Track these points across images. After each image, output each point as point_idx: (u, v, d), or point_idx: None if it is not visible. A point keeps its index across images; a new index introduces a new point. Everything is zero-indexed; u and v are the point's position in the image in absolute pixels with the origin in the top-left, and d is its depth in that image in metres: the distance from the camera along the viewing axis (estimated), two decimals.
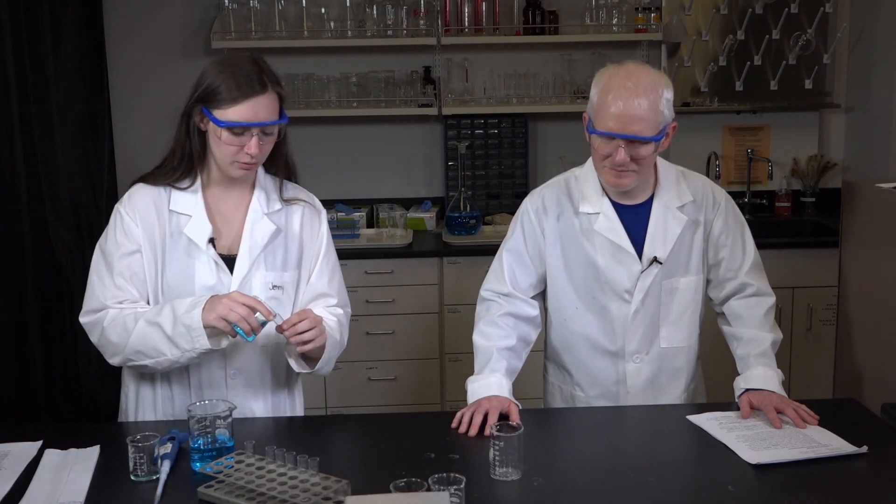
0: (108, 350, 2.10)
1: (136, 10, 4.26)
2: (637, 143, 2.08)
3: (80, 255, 3.89)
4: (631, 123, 2.06)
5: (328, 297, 2.24)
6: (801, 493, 1.76)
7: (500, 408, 2.09)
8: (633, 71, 2.10)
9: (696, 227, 2.26)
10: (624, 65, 2.13)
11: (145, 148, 4.15)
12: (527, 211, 2.33)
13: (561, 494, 1.78)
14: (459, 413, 2.10)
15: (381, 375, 3.97)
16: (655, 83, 2.08)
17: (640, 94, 2.05)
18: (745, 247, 2.29)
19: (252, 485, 1.73)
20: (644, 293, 2.23)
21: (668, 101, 2.09)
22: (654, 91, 2.06)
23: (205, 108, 2.04)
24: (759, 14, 4.24)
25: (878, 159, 4.14)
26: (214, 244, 2.11)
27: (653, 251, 2.22)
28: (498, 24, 4.21)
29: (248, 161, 2.06)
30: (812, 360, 3.86)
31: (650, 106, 2.05)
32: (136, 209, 2.11)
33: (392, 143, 4.45)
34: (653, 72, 2.12)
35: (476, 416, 2.06)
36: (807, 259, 3.91)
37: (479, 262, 3.86)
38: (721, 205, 2.28)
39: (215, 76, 2.04)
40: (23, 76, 3.55)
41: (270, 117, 2.05)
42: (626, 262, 2.23)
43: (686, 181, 2.28)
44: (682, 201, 2.25)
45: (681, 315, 2.27)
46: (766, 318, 2.24)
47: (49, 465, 1.90)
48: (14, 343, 3.53)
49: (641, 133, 2.06)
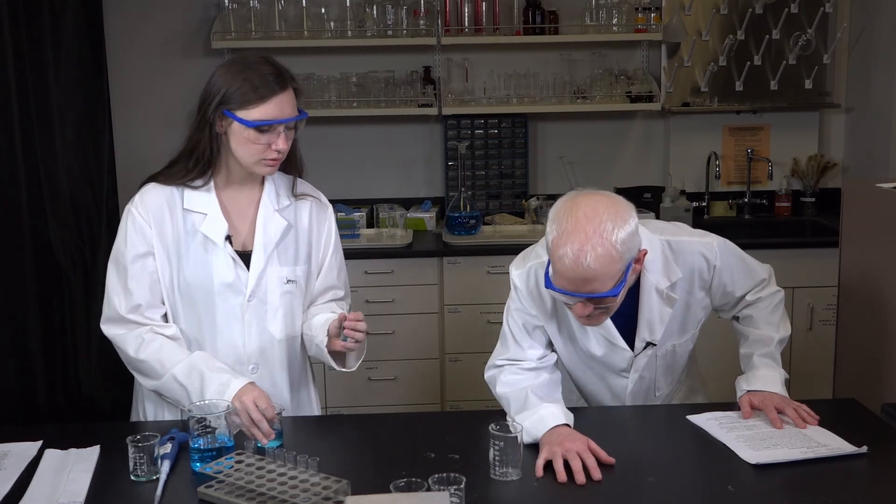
0: (130, 362, 2.16)
1: (136, 10, 4.26)
2: (596, 298, 1.93)
3: (80, 256, 3.88)
4: (583, 285, 1.89)
5: (336, 290, 2.32)
6: (801, 493, 1.77)
7: (587, 449, 1.91)
8: (580, 222, 1.88)
9: (690, 297, 2.16)
10: (574, 210, 1.91)
11: (145, 148, 4.19)
12: (515, 286, 2.18)
13: (561, 494, 1.78)
14: (542, 459, 1.89)
15: (381, 375, 3.97)
16: (603, 231, 1.87)
17: (587, 253, 1.86)
18: (749, 272, 2.22)
19: (252, 485, 1.73)
20: (640, 371, 2.20)
21: (624, 241, 1.89)
22: (602, 244, 1.86)
23: (227, 111, 2.05)
24: (759, 14, 4.24)
25: (878, 159, 4.14)
26: (231, 241, 2.15)
27: (645, 337, 2.14)
28: (498, 24, 4.21)
29: (276, 157, 2.10)
30: (812, 360, 3.86)
31: (601, 264, 1.86)
32: (149, 209, 2.13)
33: (392, 143, 4.45)
34: (604, 215, 1.89)
35: (573, 462, 1.87)
36: (807, 259, 3.91)
37: (479, 262, 3.87)
38: (717, 266, 2.14)
39: (233, 79, 2.06)
40: (23, 76, 3.55)
41: (293, 113, 2.10)
42: (620, 350, 2.16)
43: (674, 255, 2.11)
44: (672, 280, 2.10)
45: (675, 364, 2.26)
46: (773, 314, 2.23)
47: (49, 465, 1.90)
48: (14, 343, 3.52)
49: (597, 291, 1.90)
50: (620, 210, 1.93)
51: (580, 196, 1.96)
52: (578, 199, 1.94)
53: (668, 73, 4.28)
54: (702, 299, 2.18)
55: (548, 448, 1.91)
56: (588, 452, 1.89)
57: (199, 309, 2.15)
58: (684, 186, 4.43)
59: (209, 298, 2.14)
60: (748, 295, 2.22)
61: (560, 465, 1.86)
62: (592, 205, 1.92)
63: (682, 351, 2.24)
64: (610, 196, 1.97)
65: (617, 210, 1.92)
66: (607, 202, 1.93)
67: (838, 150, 4.52)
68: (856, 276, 2.68)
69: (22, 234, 3.54)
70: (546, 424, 1.98)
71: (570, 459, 1.87)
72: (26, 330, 3.57)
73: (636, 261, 1.97)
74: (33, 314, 3.60)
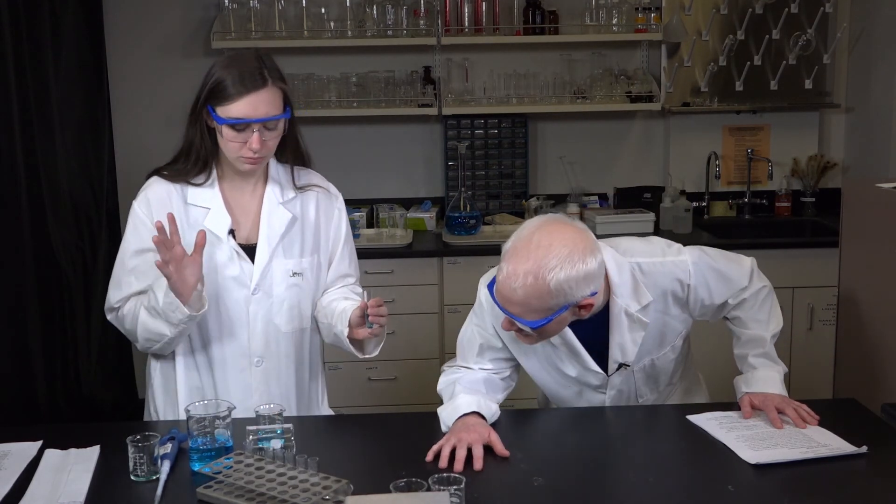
0: (130, 338, 2.20)
1: (136, 10, 4.26)
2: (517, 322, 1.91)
3: (80, 255, 3.89)
4: (507, 304, 1.89)
5: (349, 277, 2.34)
6: (801, 493, 1.76)
7: (482, 440, 1.92)
8: (530, 246, 1.86)
9: (665, 317, 2.10)
10: (536, 232, 1.89)
11: (145, 148, 4.18)
12: (480, 301, 2.15)
13: (561, 494, 1.77)
14: (437, 446, 1.92)
15: (381, 375, 3.97)
16: (545, 266, 1.84)
17: (518, 279, 1.84)
18: (728, 282, 2.13)
19: (252, 485, 1.73)
20: (617, 387, 2.16)
21: (561, 283, 1.84)
22: (537, 277, 1.84)
23: (209, 106, 2.07)
24: (759, 14, 4.24)
25: (878, 159, 4.14)
26: (234, 235, 2.16)
27: (618, 359, 2.09)
28: (498, 24, 4.21)
29: (252, 156, 2.09)
30: (812, 360, 3.86)
31: (526, 294, 1.85)
32: (151, 205, 2.15)
33: (392, 143, 4.45)
34: (557, 251, 1.85)
35: (458, 450, 1.89)
36: (807, 259, 3.91)
37: (478, 262, 3.86)
38: (691, 284, 2.08)
39: (219, 73, 2.07)
40: (23, 76, 3.55)
41: (271, 112, 2.07)
42: (593, 372, 2.12)
43: (645, 278, 2.05)
44: (642, 303, 2.04)
45: (658, 375, 2.20)
46: (762, 311, 2.17)
47: (49, 465, 1.90)
48: (14, 343, 3.52)
49: (520, 317, 1.89)
50: (578, 252, 1.87)
51: (553, 223, 1.93)
52: (547, 225, 1.92)
53: (668, 73, 4.28)
54: (678, 315, 2.12)
55: (447, 436, 1.95)
56: (479, 443, 1.90)
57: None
58: (684, 186, 4.42)
59: (214, 292, 2.15)
60: (730, 299, 2.16)
61: (447, 452, 1.89)
62: (554, 235, 1.88)
63: (662, 363, 2.18)
64: (579, 235, 1.91)
65: (573, 251, 1.86)
66: (571, 240, 1.88)
67: (838, 150, 4.51)
68: (856, 276, 2.68)
69: (22, 234, 3.54)
70: (458, 412, 2.01)
71: (458, 447, 1.89)
72: (26, 330, 3.57)
73: (580, 307, 1.92)
74: (33, 314, 3.60)
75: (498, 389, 2.17)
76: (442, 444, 1.92)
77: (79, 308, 3.88)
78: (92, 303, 3.93)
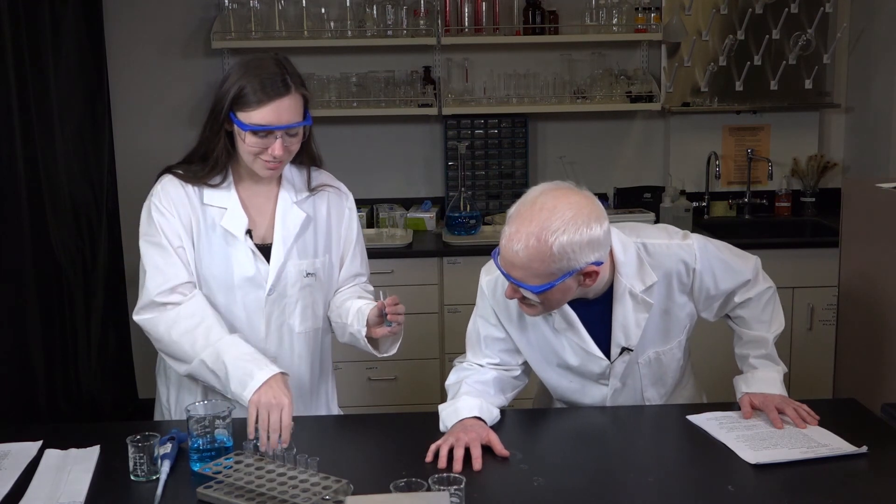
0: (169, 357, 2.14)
1: (136, 10, 4.26)
2: (520, 287, 1.89)
3: (80, 256, 3.88)
4: (510, 268, 1.88)
5: (360, 276, 2.37)
6: (801, 493, 1.77)
7: (480, 439, 1.92)
8: (534, 209, 1.85)
9: (670, 302, 2.09)
10: (542, 197, 1.87)
11: (145, 148, 4.19)
12: (482, 292, 2.16)
13: (561, 494, 1.77)
14: (434, 446, 1.92)
15: (381, 375, 3.97)
16: (547, 228, 1.82)
17: (520, 240, 1.83)
18: (733, 272, 2.12)
19: (252, 485, 1.73)
20: (620, 376, 2.14)
21: (564, 246, 1.82)
22: (539, 238, 1.82)
23: (231, 113, 2.06)
24: (759, 14, 4.24)
25: (878, 159, 4.14)
26: (251, 235, 2.17)
27: (620, 342, 2.08)
28: (498, 24, 4.21)
29: (272, 162, 2.09)
30: (812, 360, 3.86)
31: (528, 256, 1.83)
32: (172, 201, 2.13)
33: (392, 143, 4.45)
34: (561, 213, 1.83)
35: (456, 450, 1.89)
36: (807, 259, 3.91)
37: (479, 262, 3.79)
38: (696, 268, 2.06)
39: (240, 78, 2.05)
40: (23, 76, 3.55)
41: (294, 119, 2.07)
42: (595, 359, 2.10)
43: (651, 258, 2.04)
44: (647, 283, 2.03)
45: (664, 374, 2.19)
46: (764, 312, 2.18)
47: (49, 465, 1.90)
48: (14, 343, 3.52)
49: (522, 281, 1.87)
50: (583, 216, 1.85)
51: (559, 188, 1.91)
52: (553, 190, 1.90)
53: (668, 73, 4.28)
54: (684, 304, 2.11)
55: (445, 436, 1.94)
56: (477, 443, 1.90)
57: (219, 302, 2.15)
58: (684, 186, 4.43)
59: (229, 292, 2.15)
60: (736, 296, 2.15)
61: (444, 452, 1.89)
62: (560, 199, 1.86)
63: (668, 360, 2.16)
64: (585, 200, 1.89)
65: (578, 214, 1.84)
66: (577, 204, 1.86)
67: (838, 150, 4.52)
68: (856, 276, 2.68)
69: (22, 234, 3.54)
70: (458, 415, 2.01)
71: (455, 448, 1.89)
72: (26, 330, 3.57)
73: (585, 274, 1.89)
74: (33, 314, 3.60)
75: (507, 388, 2.17)
76: (440, 444, 1.92)
77: (79, 308, 3.88)
78: (92, 303, 3.93)
